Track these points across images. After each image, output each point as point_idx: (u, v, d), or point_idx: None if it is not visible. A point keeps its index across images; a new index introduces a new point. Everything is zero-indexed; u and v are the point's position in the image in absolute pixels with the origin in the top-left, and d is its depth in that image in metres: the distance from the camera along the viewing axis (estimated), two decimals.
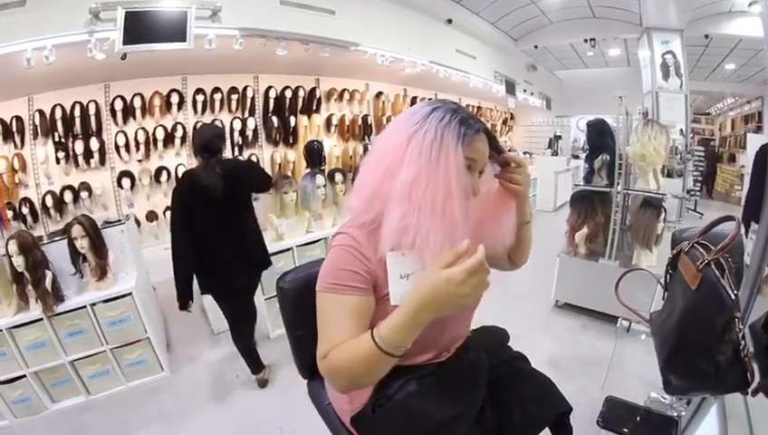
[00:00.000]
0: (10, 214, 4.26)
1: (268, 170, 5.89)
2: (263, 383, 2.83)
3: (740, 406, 1.14)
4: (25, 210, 4.34)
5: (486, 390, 1.18)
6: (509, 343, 1.40)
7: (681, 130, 6.59)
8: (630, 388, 2.37)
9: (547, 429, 1.22)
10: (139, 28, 3.57)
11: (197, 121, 5.25)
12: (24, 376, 2.60)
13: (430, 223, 0.90)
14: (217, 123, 5.36)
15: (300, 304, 1.32)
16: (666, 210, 3.13)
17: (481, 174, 1.05)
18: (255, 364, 2.82)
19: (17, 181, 4.37)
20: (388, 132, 1.02)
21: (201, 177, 2.42)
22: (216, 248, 2.51)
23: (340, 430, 1.28)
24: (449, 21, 6.72)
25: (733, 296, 0.84)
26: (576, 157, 8.66)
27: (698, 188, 8.36)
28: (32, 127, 4.41)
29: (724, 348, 0.85)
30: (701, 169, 8.75)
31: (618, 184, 3.16)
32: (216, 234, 2.49)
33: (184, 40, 3.71)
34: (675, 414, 1.76)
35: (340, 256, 1.01)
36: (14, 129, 4.29)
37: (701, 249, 0.95)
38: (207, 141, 2.47)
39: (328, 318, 0.99)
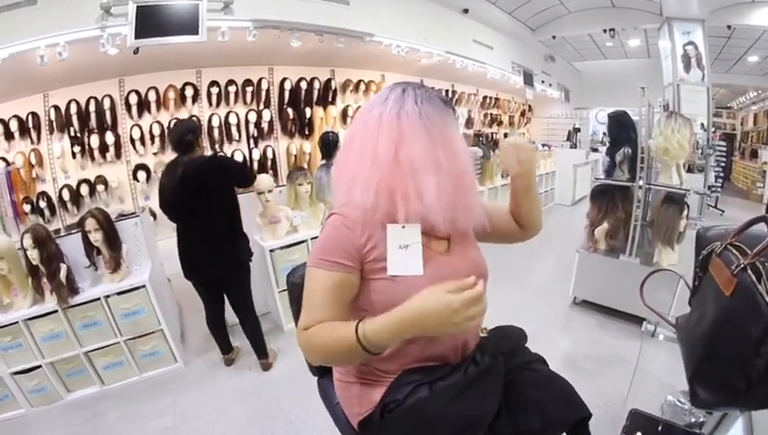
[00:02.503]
0: (28, 208, 4.32)
1: (283, 162, 5.92)
2: (228, 362, 3.01)
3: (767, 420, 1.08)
4: (43, 204, 4.42)
5: (502, 393, 1.12)
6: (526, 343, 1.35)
7: (702, 125, 6.42)
8: (647, 390, 2.31)
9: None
10: (150, 22, 3.57)
11: (212, 114, 5.25)
12: (40, 366, 2.63)
13: (460, 189, 1.07)
14: (232, 115, 5.38)
15: None
16: (689, 207, 3.03)
17: None
18: (223, 347, 3.00)
19: (34, 176, 4.44)
20: (353, 128, 1.13)
21: (163, 178, 2.65)
22: (183, 240, 2.70)
23: (349, 431, 1.24)
24: (466, 10, 6.63)
25: None
26: (595, 150, 8.50)
27: (720, 185, 8.17)
28: (48, 122, 4.47)
29: (758, 361, 0.79)
30: (723, 164, 8.55)
31: (640, 178, 3.07)
32: (184, 229, 2.68)
33: (196, 33, 3.71)
34: (693, 420, 1.70)
35: (331, 232, 1.08)
36: (31, 125, 4.37)
37: (735, 252, 0.88)
38: (176, 141, 2.60)
39: (313, 291, 1.04)
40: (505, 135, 9.89)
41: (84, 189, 4.63)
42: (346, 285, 1.04)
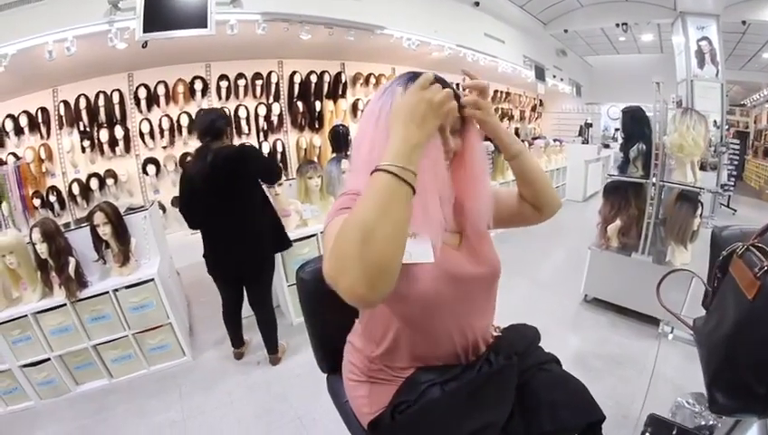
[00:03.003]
0: (38, 202, 4.36)
1: (293, 156, 5.91)
2: (238, 356, 3.02)
3: None
4: (53, 198, 4.45)
5: (516, 394, 1.11)
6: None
7: (715, 122, 6.31)
8: (658, 392, 2.27)
9: None
10: (158, 15, 3.56)
11: (222, 108, 5.24)
12: (49, 359, 2.65)
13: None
14: (242, 109, 5.39)
15: (319, 296, 1.27)
16: (702, 205, 2.98)
17: (462, 133, 1.06)
18: (235, 341, 3.00)
19: (44, 170, 4.48)
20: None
21: (191, 165, 2.60)
22: (210, 235, 2.67)
23: (358, 430, 1.23)
24: (477, 3, 6.56)
25: None
26: (607, 146, 8.41)
27: (732, 183, 8.06)
28: (57, 117, 4.50)
29: None
30: (736, 162, 8.42)
31: (653, 175, 3.02)
32: (209, 221, 2.62)
33: (205, 26, 3.69)
34: (703, 423, 1.67)
35: (345, 198, 1.01)
36: (40, 120, 4.40)
37: (758, 253, 0.85)
38: (207, 126, 2.51)
39: (332, 234, 0.84)
40: (516, 130, 9.83)
41: (94, 183, 4.65)
42: None
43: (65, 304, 2.60)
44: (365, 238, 0.74)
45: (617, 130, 8.21)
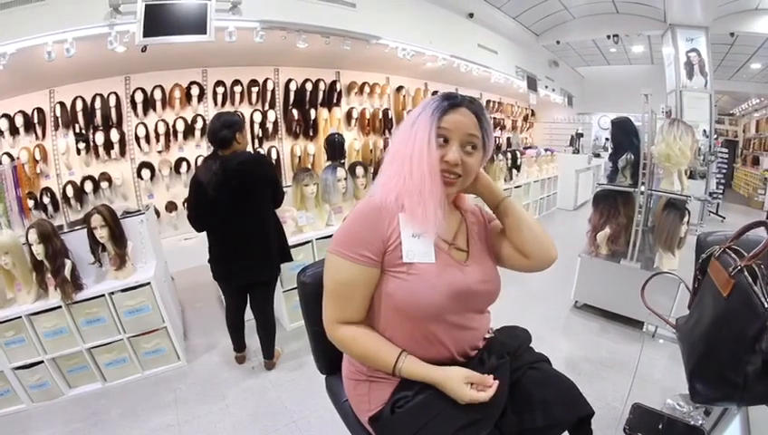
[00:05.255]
0: (31, 204, 4.33)
1: (287, 163, 5.92)
2: (240, 360, 3.03)
3: (765, 417, 1.09)
4: (46, 200, 4.42)
5: (508, 392, 1.15)
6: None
7: (704, 131, 6.42)
8: (647, 394, 2.32)
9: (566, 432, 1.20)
10: (158, 21, 3.58)
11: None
12: (42, 362, 2.63)
13: (406, 186, 1.07)
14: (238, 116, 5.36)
15: (319, 299, 1.30)
16: (690, 213, 3.05)
17: (475, 148, 1.12)
18: (237, 345, 3.01)
19: (38, 172, 4.45)
20: None
21: (199, 172, 2.55)
22: (218, 242, 2.67)
23: (357, 427, 1.27)
24: (471, 15, 6.64)
25: (766, 305, 0.81)
26: (597, 155, 8.51)
27: (721, 191, 8.17)
28: (53, 119, 4.49)
29: (753, 358, 0.81)
30: (725, 171, 8.56)
31: (642, 184, 3.09)
32: (217, 228, 2.63)
33: (204, 32, 3.71)
34: (691, 423, 1.72)
35: (360, 217, 1.13)
36: (36, 120, 4.37)
37: (733, 255, 0.90)
38: (211, 134, 2.52)
39: (341, 284, 1.12)
40: (508, 139, 9.92)
41: (88, 186, 4.63)
42: (372, 279, 1.11)
43: (60, 307, 2.59)
44: (354, 355, 1.18)
45: (607, 139, 8.33)
